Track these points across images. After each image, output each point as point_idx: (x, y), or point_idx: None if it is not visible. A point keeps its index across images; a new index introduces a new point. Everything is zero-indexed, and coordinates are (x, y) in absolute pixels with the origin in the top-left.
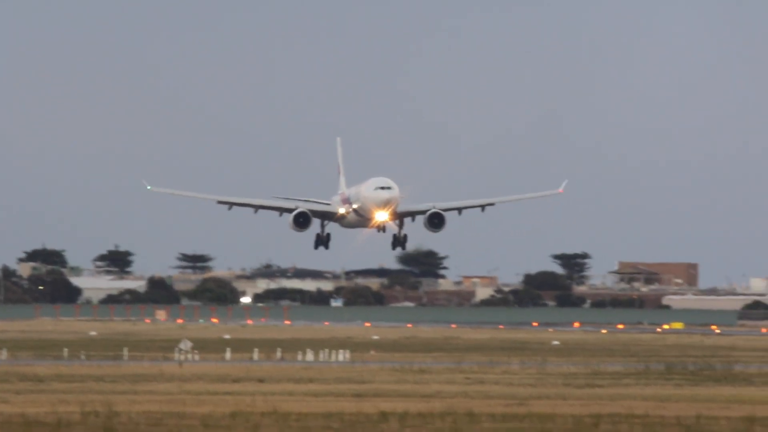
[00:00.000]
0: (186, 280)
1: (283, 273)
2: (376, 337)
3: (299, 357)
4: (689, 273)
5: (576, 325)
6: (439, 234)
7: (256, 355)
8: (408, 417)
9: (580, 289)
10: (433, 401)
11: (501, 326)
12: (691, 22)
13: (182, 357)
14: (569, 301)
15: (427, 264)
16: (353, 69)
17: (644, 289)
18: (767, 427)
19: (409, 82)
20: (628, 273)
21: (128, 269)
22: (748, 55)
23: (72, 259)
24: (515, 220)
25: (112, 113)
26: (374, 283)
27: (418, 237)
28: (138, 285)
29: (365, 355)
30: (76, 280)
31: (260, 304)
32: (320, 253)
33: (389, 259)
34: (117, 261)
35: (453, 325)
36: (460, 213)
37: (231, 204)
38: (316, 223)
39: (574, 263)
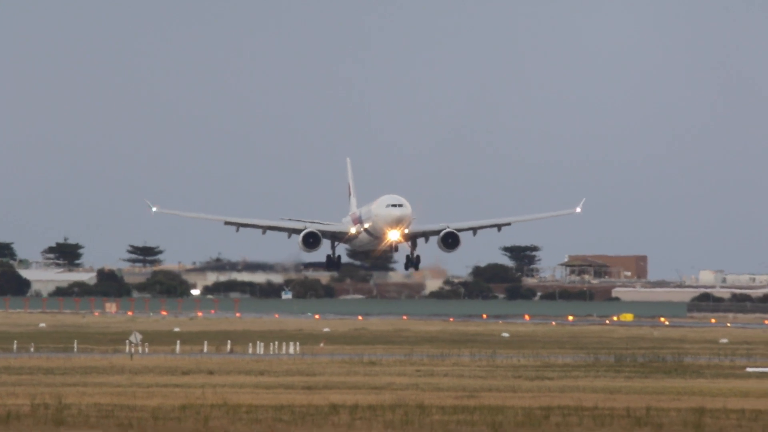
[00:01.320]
0: (136, 272)
1: (233, 266)
2: (326, 330)
3: (249, 349)
4: (639, 265)
5: (526, 317)
6: (322, 198)
7: (206, 348)
8: (358, 409)
9: (529, 281)
10: (384, 393)
11: (451, 318)
12: (632, 21)
13: (132, 349)
14: (519, 293)
15: (377, 257)
16: (363, 87)
17: (594, 281)
18: (717, 418)
19: (424, 98)
20: (578, 265)
21: (78, 262)
22: (687, 45)
23: (21, 252)
24: (470, 211)
25: (92, 110)
26: (324, 276)
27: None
28: (88, 277)
29: (315, 347)
30: (25, 273)
31: (210, 297)
32: (270, 246)
33: (339, 252)
34: (66, 253)
35: (404, 317)
36: (474, 233)
37: (238, 225)
38: (326, 245)
39: (523, 256)
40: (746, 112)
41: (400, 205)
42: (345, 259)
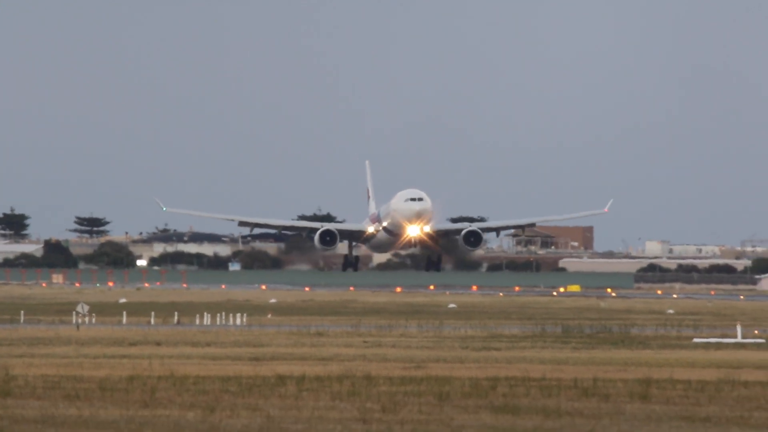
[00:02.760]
0: (83, 244)
1: (179, 237)
2: (273, 301)
3: (196, 321)
4: (585, 236)
5: (473, 288)
6: (337, 196)
7: (153, 319)
8: (305, 380)
9: (476, 252)
10: (331, 364)
11: (398, 290)
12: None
13: (79, 320)
14: (466, 264)
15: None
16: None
17: (540, 252)
18: (664, 389)
19: (440, 98)
20: (525, 236)
21: (24, 233)
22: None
23: None
24: (414, 184)
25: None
26: (271, 247)
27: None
28: (34, 249)
29: (262, 318)
30: None
31: (157, 268)
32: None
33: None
34: (12, 224)
35: (351, 288)
36: (498, 234)
37: (253, 225)
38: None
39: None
40: (692, 84)
41: (420, 199)
42: (292, 230)
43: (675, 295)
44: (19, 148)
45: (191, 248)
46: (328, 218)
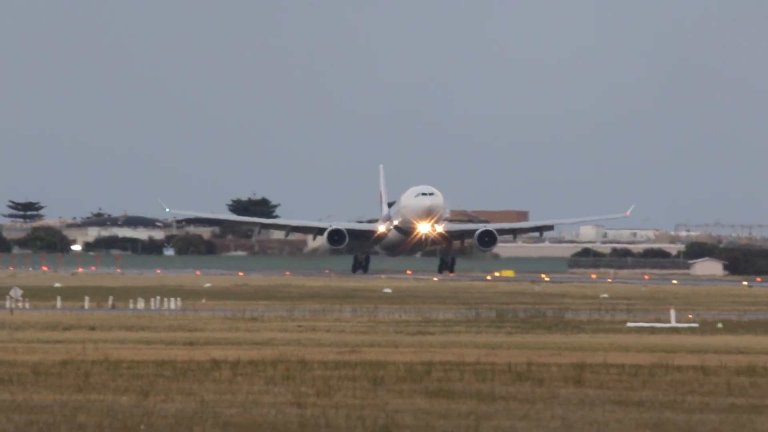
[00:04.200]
0: (16, 228)
1: (114, 221)
2: (207, 285)
3: (131, 305)
4: (519, 221)
5: (408, 272)
6: (273, 180)
7: (87, 304)
8: (240, 365)
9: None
10: (265, 349)
11: (333, 274)
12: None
13: (13, 305)
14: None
15: (259, 213)
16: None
17: None
18: (597, 373)
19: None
20: (459, 220)
21: None
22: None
23: None
24: (348, 166)
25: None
26: (206, 231)
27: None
28: None
29: (197, 303)
30: None
31: (91, 253)
32: (152, 201)
33: (221, 208)
34: None
35: (286, 273)
36: (515, 237)
37: (260, 225)
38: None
39: None
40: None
41: (431, 194)
42: (226, 214)
43: (609, 280)
44: None
45: (126, 233)
46: (264, 203)
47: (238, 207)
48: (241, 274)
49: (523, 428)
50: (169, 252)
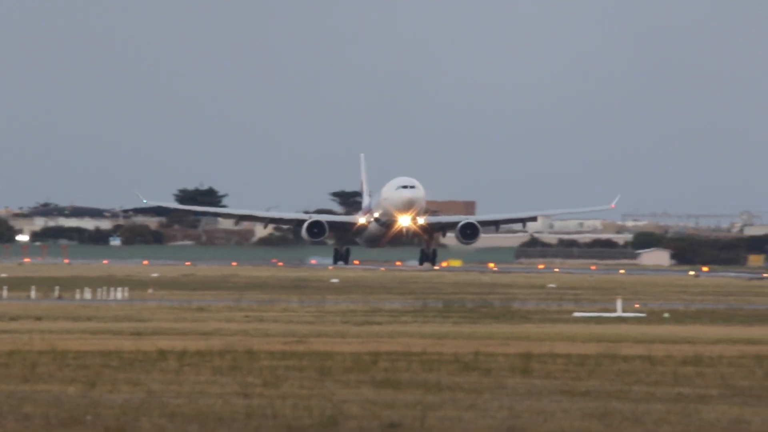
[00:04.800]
0: None
1: (60, 211)
2: (155, 275)
3: (77, 295)
4: (467, 211)
5: (355, 262)
6: (221, 170)
7: (33, 294)
8: (187, 355)
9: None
10: (212, 339)
11: (280, 264)
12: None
13: None
14: (349, 239)
15: (206, 202)
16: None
17: None
18: (544, 363)
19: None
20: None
21: None
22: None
23: None
24: (294, 157)
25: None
26: (153, 221)
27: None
28: None
29: (144, 293)
30: None
31: (38, 243)
32: (99, 191)
33: (168, 197)
34: None
35: (233, 263)
36: (497, 228)
37: (238, 217)
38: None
39: (352, 201)
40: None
41: (412, 187)
42: (173, 204)
43: (556, 269)
44: None
45: (72, 223)
46: (211, 193)
47: (184, 197)
48: (188, 264)
49: (470, 418)
50: (116, 242)
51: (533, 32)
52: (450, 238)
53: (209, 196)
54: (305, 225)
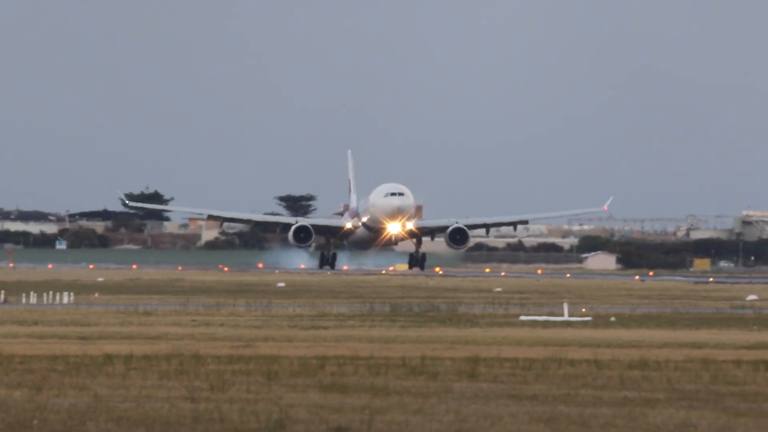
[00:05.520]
0: None
1: (6, 215)
2: (100, 279)
3: (23, 300)
4: (416, 214)
5: (302, 266)
6: (169, 176)
7: None
8: (133, 359)
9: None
10: (159, 343)
11: (227, 269)
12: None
13: None
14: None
15: (133, 207)
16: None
17: None
18: (491, 367)
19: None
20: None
21: None
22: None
23: None
24: (239, 161)
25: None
26: (99, 225)
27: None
28: None
29: (90, 297)
30: None
31: None
32: (44, 195)
33: (114, 202)
34: None
35: (179, 268)
36: (488, 232)
37: (223, 219)
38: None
39: (299, 205)
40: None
41: (401, 194)
42: (118, 208)
43: (503, 273)
44: None
45: (18, 226)
46: (156, 197)
47: (130, 200)
48: (134, 267)
49: (417, 422)
50: (62, 246)
51: (504, 42)
52: (438, 243)
53: (155, 200)
54: (292, 229)
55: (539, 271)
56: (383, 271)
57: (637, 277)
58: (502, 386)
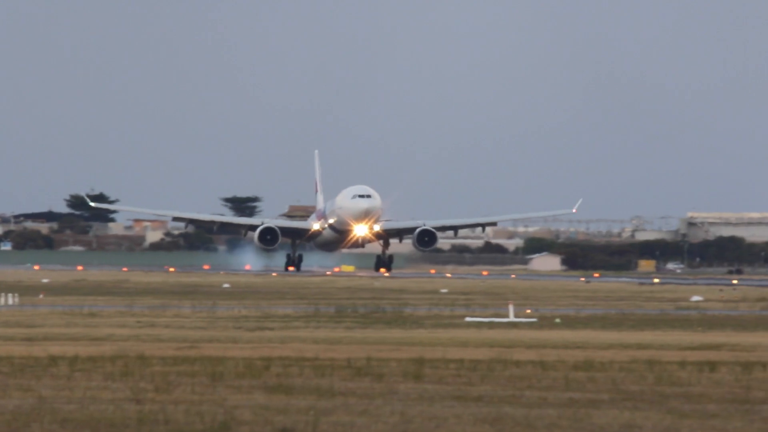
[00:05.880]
0: None
1: None
2: (45, 281)
3: None
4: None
5: (247, 267)
6: (113, 177)
7: None
8: (78, 360)
9: (251, 233)
10: (104, 344)
11: (172, 270)
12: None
13: None
14: (239, 244)
15: (97, 208)
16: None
17: None
18: (437, 368)
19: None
20: (299, 216)
21: None
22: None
23: None
24: (185, 163)
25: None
26: (44, 227)
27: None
28: None
29: (35, 298)
30: None
31: None
32: None
33: (59, 203)
34: None
35: (124, 269)
36: (456, 233)
37: (187, 221)
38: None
39: (245, 207)
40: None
41: (368, 196)
42: (64, 209)
43: (448, 275)
44: None
45: None
46: (101, 198)
47: (76, 202)
48: (79, 268)
49: (362, 424)
50: (7, 247)
51: (472, 44)
52: (406, 244)
53: (101, 201)
54: (257, 231)
55: (485, 273)
56: (327, 273)
57: (582, 278)
58: (448, 387)
